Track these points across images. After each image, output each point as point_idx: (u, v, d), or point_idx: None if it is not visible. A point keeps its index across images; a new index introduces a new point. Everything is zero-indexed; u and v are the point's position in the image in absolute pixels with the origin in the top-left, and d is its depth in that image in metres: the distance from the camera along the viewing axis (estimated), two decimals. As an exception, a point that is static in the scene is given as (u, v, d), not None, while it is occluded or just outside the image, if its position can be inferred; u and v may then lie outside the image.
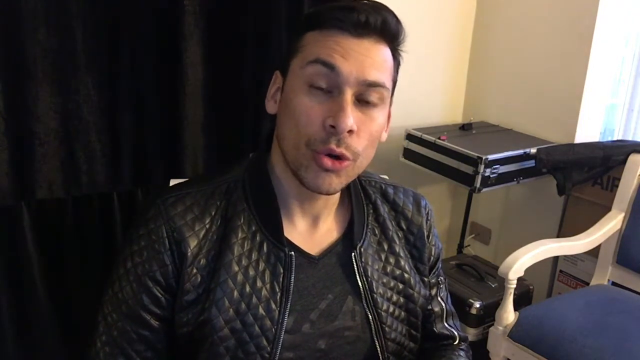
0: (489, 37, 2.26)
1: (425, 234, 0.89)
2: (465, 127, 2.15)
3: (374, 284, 0.82)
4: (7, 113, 1.27)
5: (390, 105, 0.79)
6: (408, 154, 2.07)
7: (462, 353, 0.92)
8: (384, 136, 0.79)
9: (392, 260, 0.85)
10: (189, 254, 0.74)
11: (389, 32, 0.72)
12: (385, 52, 0.73)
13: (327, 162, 0.70)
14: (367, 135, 0.72)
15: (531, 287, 1.97)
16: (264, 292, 0.75)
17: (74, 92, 1.35)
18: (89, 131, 1.39)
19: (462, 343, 0.94)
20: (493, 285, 1.93)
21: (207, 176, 0.82)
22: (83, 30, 1.32)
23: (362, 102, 0.71)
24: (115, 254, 1.46)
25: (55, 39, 1.29)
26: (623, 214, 1.80)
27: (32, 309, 1.40)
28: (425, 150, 2.00)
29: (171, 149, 1.52)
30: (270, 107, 0.79)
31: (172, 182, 1.13)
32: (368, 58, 0.70)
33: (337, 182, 0.73)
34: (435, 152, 1.96)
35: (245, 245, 0.76)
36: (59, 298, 1.43)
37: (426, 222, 0.90)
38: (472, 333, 1.85)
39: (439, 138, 1.96)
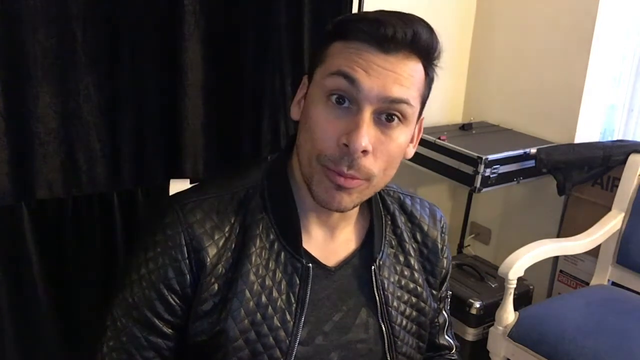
0: (489, 37, 2.26)
1: (440, 247, 0.88)
2: (465, 127, 2.15)
3: (389, 298, 0.80)
4: (7, 113, 1.27)
5: (422, 119, 0.76)
6: (408, 154, 2.07)
7: None
8: (411, 152, 0.76)
9: (407, 273, 0.83)
10: (208, 263, 0.72)
11: (419, 46, 0.67)
12: (414, 67, 0.68)
13: (339, 178, 0.67)
14: (384, 156, 0.68)
15: (531, 287, 1.97)
16: (279, 302, 0.74)
17: (74, 92, 1.34)
18: (89, 131, 1.38)
19: (455, 353, 0.96)
20: (493, 285, 1.93)
21: (224, 179, 0.79)
22: (83, 30, 1.32)
23: (382, 120, 0.68)
24: (115, 254, 1.46)
25: (55, 39, 1.29)
26: (623, 214, 1.80)
27: (32, 309, 1.40)
28: (425, 150, 2.00)
29: (171, 149, 1.52)
30: (295, 112, 0.76)
31: (172, 182, 1.13)
32: (392, 73, 0.66)
33: (349, 201, 0.70)
34: (435, 152, 1.96)
35: (263, 254, 0.74)
36: (58, 298, 1.42)
37: (441, 236, 0.88)
38: (472, 333, 1.85)
39: (439, 138, 1.96)
